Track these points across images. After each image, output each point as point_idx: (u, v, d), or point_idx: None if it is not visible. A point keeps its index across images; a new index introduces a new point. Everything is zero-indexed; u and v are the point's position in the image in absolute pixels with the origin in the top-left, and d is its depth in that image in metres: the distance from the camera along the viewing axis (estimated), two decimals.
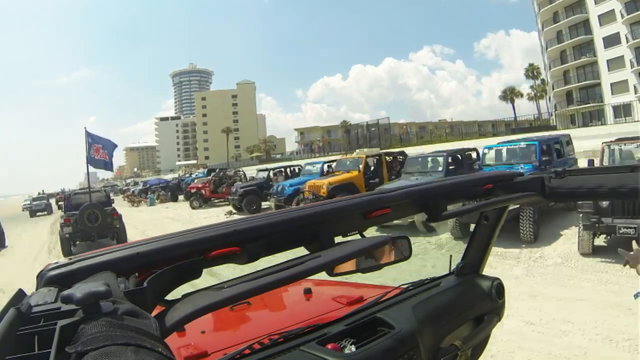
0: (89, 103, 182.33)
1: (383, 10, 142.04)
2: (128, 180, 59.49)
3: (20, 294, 0.50)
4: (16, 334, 0.40)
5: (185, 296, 0.64)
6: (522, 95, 44.05)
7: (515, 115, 39.28)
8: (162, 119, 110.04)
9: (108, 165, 9.74)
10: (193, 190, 17.59)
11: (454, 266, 1.36)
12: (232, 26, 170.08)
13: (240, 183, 15.84)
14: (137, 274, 0.63)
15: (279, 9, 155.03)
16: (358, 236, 0.94)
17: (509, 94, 44.04)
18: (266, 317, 1.53)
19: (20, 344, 0.39)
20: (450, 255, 1.41)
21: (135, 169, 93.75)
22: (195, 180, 20.17)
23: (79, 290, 0.42)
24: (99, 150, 9.49)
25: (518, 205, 5.05)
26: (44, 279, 0.56)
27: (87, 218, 9.20)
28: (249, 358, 0.90)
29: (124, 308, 0.42)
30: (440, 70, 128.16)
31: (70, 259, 0.61)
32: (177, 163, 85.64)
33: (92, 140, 9.38)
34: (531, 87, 43.76)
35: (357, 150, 21.91)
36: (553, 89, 36.39)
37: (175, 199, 22.46)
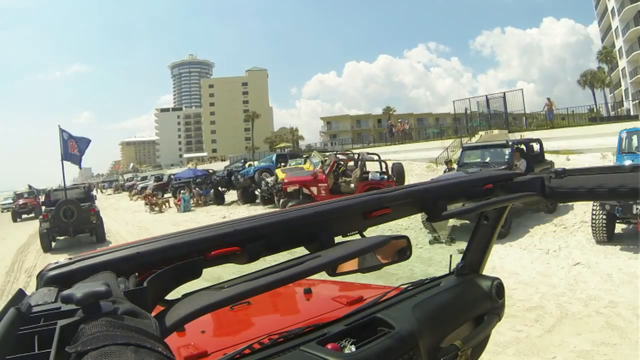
0: (83, 98, 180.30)
1: (374, 7, 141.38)
2: (128, 175, 53.43)
3: (20, 294, 0.50)
4: (16, 334, 0.40)
5: (185, 296, 0.64)
6: (603, 82, 36.51)
7: (595, 103, 32.99)
8: (162, 110, 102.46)
9: (77, 159, 10.11)
10: (291, 189, 9.99)
11: (454, 266, 1.36)
12: (222, 25, 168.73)
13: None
14: (137, 274, 0.63)
15: (270, 6, 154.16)
16: (358, 236, 0.94)
17: (589, 78, 35.88)
18: (266, 317, 1.53)
19: (20, 344, 0.39)
20: (450, 255, 1.41)
21: (132, 165, 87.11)
22: (283, 173, 11.22)
23: (79, 290, 0.42)
24: (74, 147, 9.82)
25: None
26: (44, 279, 0.56)
27: (62, 214, 9.41)
28: (249, 358, 0.90)
29: (124, 308, 0.42)
30: (435, 67, 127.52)
31: (70, 258, 0.61)
32: (186, 155, 77.49)
33: (69, 137, 9.73)
34: (602, 71, 36.78)
35: (482, 133, 16.13)
36: (634, 75, 32.11)
37: (221, 201, 15.68)
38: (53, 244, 9.73)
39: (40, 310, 0.44)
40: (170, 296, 0.66)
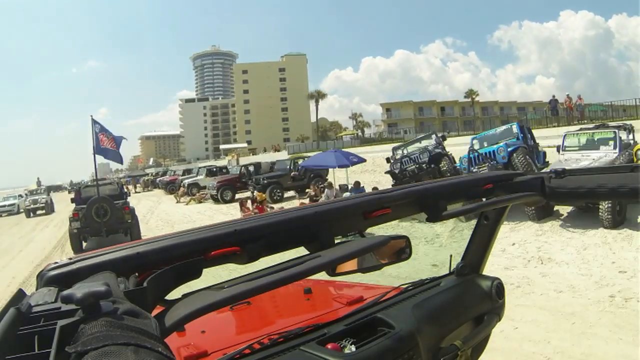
0: (100, 94, 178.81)
1: (389, 2, 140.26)
2: (149, 170, 45.07)
3: (20, 294, 0.50)
4: (16, 334, 0.40)
5: (185, 296, 0.64)
6: None
7: None
8: (187, 101, 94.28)
9: (117, 157, 9.25)
10: None
11: (454, 266, 1.36)
12: (235, 22, 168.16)
13: None
14: (137, 274, 0.63)
15: (285, 2, 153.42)
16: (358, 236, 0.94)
17: None
18: (266, 317, 1.53)
19: (20, 343, 0.39)
20: (450, 255, 1.41)
21: (152, 159, 79.91)
22: None
23: (79, 290, 0.42)
24: (112, 140, 8.98)
25: None
26: (44, 279, 0.56)
27: (95, 213, 8.67)
28: (249, 358, 0.90)
29: (124, 308, 0.42)
30: (452, 62, 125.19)
31: (70, 258, 0.61)
32: (223, 147, 66.14)
33: (100, 129, 8.86)
34: None
35: None
36: None
37: None
38: (84, 244, 9.03)
39: (40, 310, 0.44)
40: (170, 296, 0.66)
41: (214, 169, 19.91)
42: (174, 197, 18.21)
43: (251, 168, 16.20)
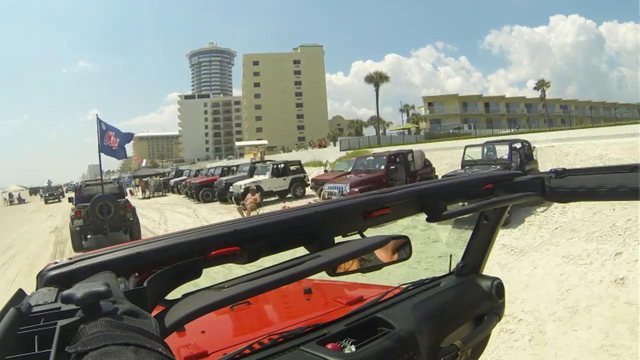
0: (90, 96, 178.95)
1: (378, 7, 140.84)
2: (147, 171, 37.38)
3: (20, 294, 0.50)
4: (16, 334, 0.40)
5: (185, 296, 0.64)
6: None
7: None
8: (187, 97, 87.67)
9: (120, 153, 9.07)
10: None
11: (454, 266, 1.36)
12: (223, 24, 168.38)
13: None
14: (137, 274, 0.63)
15: (276, 6, 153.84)
16: (358, 236, 0.94)
17: None
18: (266, 317, 1.53)
19: (20, 344, 0.39)
20: (450, 255, 1.42)
21: (144, 161, 72.63)
22: None
23: (79, 290, 0.42)
24: (110, 137, 8.92)
25: None
26: (44, 279, 0.56)
27: (98, 210, 8.77)
28: (249, 358, 0.90)
29: (124, 308, 0.42)
30: (443, 66, 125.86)
31: (70, 258, 0.61)
32: (238, 144, 57.05)
33: (106, 127, 8.82)
34: None
35: None
36: None
37: None
38: (84, 242, 9.07)
39: (40, 310, 0.44)
40: (170, 296, 0.66)
41: (280, 166, 14.46)
42: (239, 212, 11.03)
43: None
